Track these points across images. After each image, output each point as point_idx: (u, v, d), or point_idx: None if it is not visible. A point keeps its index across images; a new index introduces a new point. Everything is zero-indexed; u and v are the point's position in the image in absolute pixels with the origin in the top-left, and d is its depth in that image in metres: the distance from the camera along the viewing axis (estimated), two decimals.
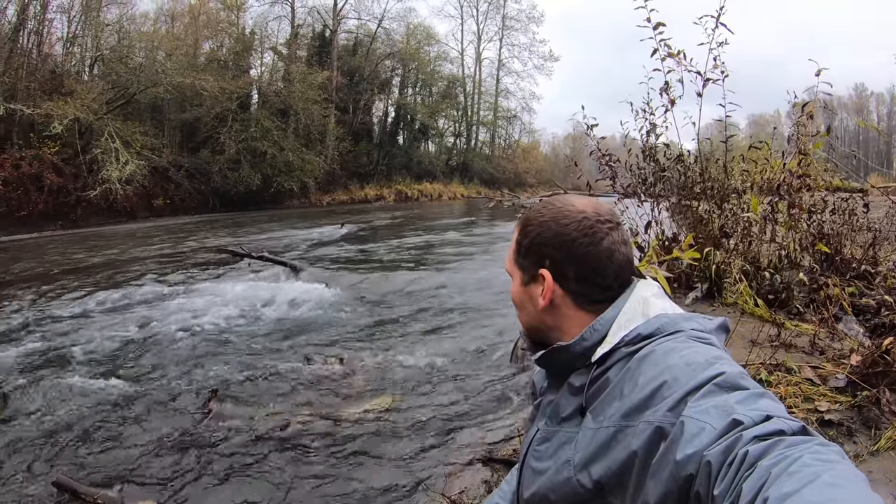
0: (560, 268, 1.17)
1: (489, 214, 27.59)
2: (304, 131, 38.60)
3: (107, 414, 4.70)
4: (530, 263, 1.21)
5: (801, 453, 0.71)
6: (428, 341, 6.65)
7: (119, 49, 30.33)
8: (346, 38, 47.98)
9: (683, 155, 6.02)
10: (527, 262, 1.22)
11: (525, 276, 1.23)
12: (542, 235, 1.19)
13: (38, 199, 23.04)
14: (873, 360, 3.09)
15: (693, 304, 5.06)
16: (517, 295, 1.27)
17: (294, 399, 5.02)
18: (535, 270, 1.20)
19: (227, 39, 39.09)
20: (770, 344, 3.83)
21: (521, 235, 1.24)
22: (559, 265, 1.18)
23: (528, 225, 1.23)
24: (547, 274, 1.18)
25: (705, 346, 1.02)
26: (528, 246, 1.21)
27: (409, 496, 3.45)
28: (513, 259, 1.27)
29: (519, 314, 1.29)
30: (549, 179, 55.47)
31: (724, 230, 5.37)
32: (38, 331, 7.24)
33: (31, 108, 23.39)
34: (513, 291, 1.28)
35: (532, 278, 1.21)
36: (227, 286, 9.86)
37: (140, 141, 27.66)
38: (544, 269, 1.19)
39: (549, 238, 1.18)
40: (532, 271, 1.21)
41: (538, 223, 1.21)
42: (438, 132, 56.30)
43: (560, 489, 1.05)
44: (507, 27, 58.73)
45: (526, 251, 1.22)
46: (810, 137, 5.11)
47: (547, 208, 1.22)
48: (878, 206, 6.04)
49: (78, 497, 3.44)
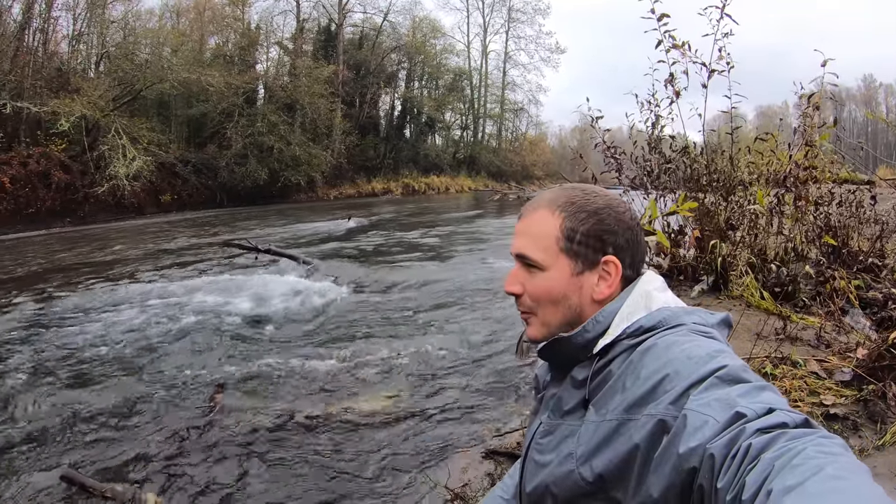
0: (621, 255, 1.16)
1: (496, 207, 27.59)
2: (310, 125, 38.56)
3: (114, 407, 4.72)
4: (589, 250, 1.16)
5: (805, 446, 0.70)
6: (433, 335, 6.66)
7: (125, 46, 30.27)
8: (352, 32, 47.97)
9: (689, 147, 6.00)
10: (584, 249, 1.16)
11: (578, 265, 1.16)
12: (605, 222, 1.16)
13: (46, 197, 23.09)
14: (880, 353, 3.08)
15: (699, 297, 5.06)
16: (560, 287, 1.17)
17: (299, 392, 5.04)
18: (596, 258, 1.16)
19: (232, 34, 39.05)
20: (776, 337, 3.83)
21: (573, 222, 1.16)
22: (621, 252, 1.17)
23: (579, 211, 1.17)
24: (616, 261, 1.16)
25: (707, 340, 1.01)
26: (585, 232, 1.15)
27: (412, 489, 3.47)
28: (556, 248, 1.16)
29: (546, 311, 1.19)
30: (556, 172, 55.40)
31: (730, 222, 5.36)
32: (46, 326, 7.27)
33: (37, 105, 23.42)
34: (548, 285, 1.17)
35: (589, 266, 1.17)
36: (235, 280, 9.89)
37: (147, 137, 27.68)
38: (611, 256, 1.16)
39: (611, 225, 1.16)
40: (592, 258, 1.16)
41: (594, 209, 1.17)
42: (445, 125, 56.22)
43: (562, 482, 1.05)
44: (513, 19, 58.71)
45: (583, 238, 1.15)
46: (817, 129, 5.08)
47: (594, 194, 1.20)
48: (885, 199, 6.02)
49: (86, 490, 3.46)
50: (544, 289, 1.17)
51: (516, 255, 1.20)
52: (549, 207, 1.19)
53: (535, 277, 1.18)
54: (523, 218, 1.22)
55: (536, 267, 1.17)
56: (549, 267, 1.16)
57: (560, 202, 1.18)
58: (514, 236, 1.23)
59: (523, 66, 60.76)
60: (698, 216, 5.54)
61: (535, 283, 1.18)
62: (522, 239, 1.20)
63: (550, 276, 1.16)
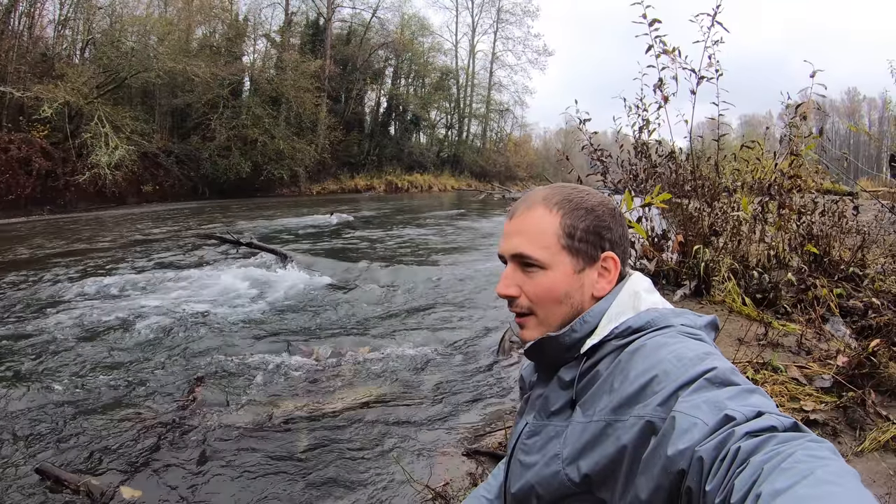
0: (617, 251, 1.18)
1: (479, 207, 27.63)
2: (295, 120, 38.50)
3: (91, 401, 4.66)
4: (590, 247, 1.16)
5: (794, 449, 0.70)
6: (414, 332, 6.64)
7: (111, 33, 30.02)
8: (340, 27, 47.76)
9: (675, 152, 6.04)
10: (585, 245, 1.15)
11: (579, 262, 1.15)
12: (602, 218, 1.17)
13: (27, 183, 22.82)
14: (860, 361, 3.12)
15: (681, 302, 5.08)
16: (563, 285, 1.15)
17: (279, 388, 5.00)
18: (596, 254, 1.16)
19: (220, 25, 38.76)
20: (757, 343, 3.86)
21: (572, 219, 1.16)
22: (616, 248, 1.18)
23: (577, 208, 1.16)
24: (615, 256, 1.17)
25: (696, 342, 1.02)
26: (586, 229, 1.15)
27: (393, 487, 3.45)
28: (557, 246, 1.15)
29: (547, 311, 1.17)
30: (540, 174, 55.55)
31: (713, 228, 5.40)
32: (19, 317, 7.17)
33: (20, 90, 23.18)
34: (550, 284, 1.15)
35: (590, 262, 1.16)
36: (215, 273, 9.82)
37: (130, 126, 27.50)
38: (609, 252, 1.17)
39: (608, 222, 1.17)
40: (592, 255, 1.16)
41: (591, 206, 1.17)
42: (430, 124, 56.12)
43: (548, 483, 1.05)
44: (501, 20, 58.70)
45: (584, 234, 1.15)
46: (803, 139, 5.13)
47: (587, 192, 1.20)
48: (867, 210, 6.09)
49: (61, 484, 3.41)
50: (546, 288, 1.15)
51: (512, 255, 1.17)
52: (545, 205, 1.17)
53: (536, 277, 1.15)
54: (516, 217, 1.20)
55: (537, 266, 1.15)
56: (551, 265, 1.14)
57: (556, 200, 1.17)
58: (503, 237, 1.21)
59: (510, 67, 60.89)
60: (682, 221, 5.57)
61: (536, 283, 1.16)
62: (518, 238, 1.17)
63: (552, 274, 1.15)
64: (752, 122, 55.23)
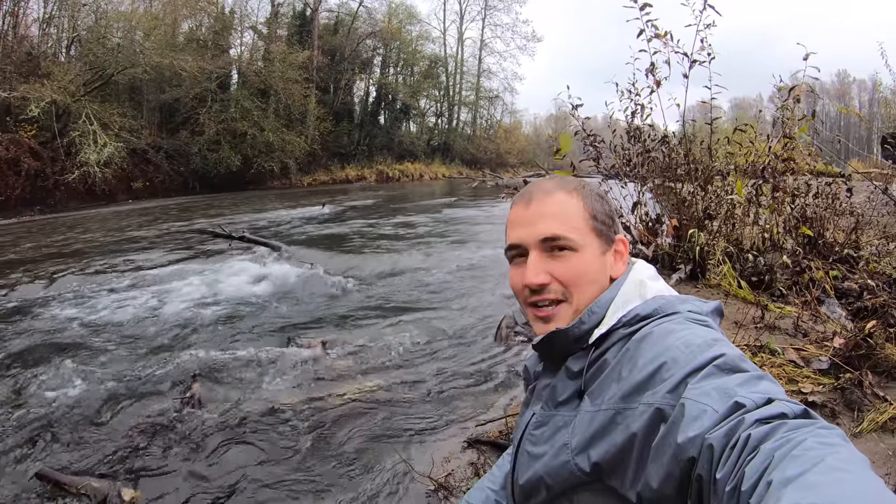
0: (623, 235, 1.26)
1: (471, 194, 27.56)
2: (284, 111, 38.46)
3: (87, 402, 4.62)
4: (608, 230, 1.21)
5: (805, 436, 0.70)
6: (411, 322, 6.63)
7: (96, 29, 29.81)
8: (327, 17, 47.62)
9: (668, 136, 6.04)
10: (605, 228, 1.20)
11: (603, 245, 1.19)
12: (610, 203, 1.24)
13: (16, 184, 22.71)
14: (856, 343, 3.13)
15: (676, 286, 5.09)
16: (592, 266, 1.17)
17: (277, 382, 4.99)
18: (612, 237, 1.22)
19: (206, 18, 38.59)
20: (754, 326, 3.87)
21: (591, 202, 1.20)
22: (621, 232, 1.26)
23: (592, 192, 1.23)
24: (625, 240, 1.23)
25: (703, 328, 1.02)
26: (602, 212, 1.20)
27: (394, 479, 3.45)
28: (587, 227, 1.17)
29: (581, 294, 1.16)
30: (531, 160, 55.52)
31: (707, 212, 5.41)
32: (11, 319, 7.13)
33: (6, 91, 23.03)
34: (584, 266, 1.16)
35: (609, 245, 1.21)
36: (208, 268, 9.79)
37: (118, 123, 27.40)
38: (621, 236, 1.24)
39: (613, 207, 1.26)
40: (610, 237, 1.21)
41: (601, 192, 1.25)
42: (420, 112, 56.16)
43: (557, 473, 1.05)
44: (489, 7, 58.65)
45: (605, 219, 1.20)
46: (796, 121, 5.13)
47: (588, 183, 1.28)
48: (859, 191, 6.11)
49: (61, 488, 3.40)
50: (581, 271, 1.16)
51: (543, 238, 1.16)
52: (565, 190, 1.20)
53: (569, 260, 1.16)
54: (534, 203, 1.19)
55: (569, 248, 1.15)
56: (583, 247, 1.16)
57: (572, 185, 1.22)
58: (520, 225, 1.20)
59: (499, 54, 61.11)
60: (676, 205, 5.58)
61: (571, 266, 1.15)
62: (547, 222, 1.16)
63: (584, 256, 1.16)
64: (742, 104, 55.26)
